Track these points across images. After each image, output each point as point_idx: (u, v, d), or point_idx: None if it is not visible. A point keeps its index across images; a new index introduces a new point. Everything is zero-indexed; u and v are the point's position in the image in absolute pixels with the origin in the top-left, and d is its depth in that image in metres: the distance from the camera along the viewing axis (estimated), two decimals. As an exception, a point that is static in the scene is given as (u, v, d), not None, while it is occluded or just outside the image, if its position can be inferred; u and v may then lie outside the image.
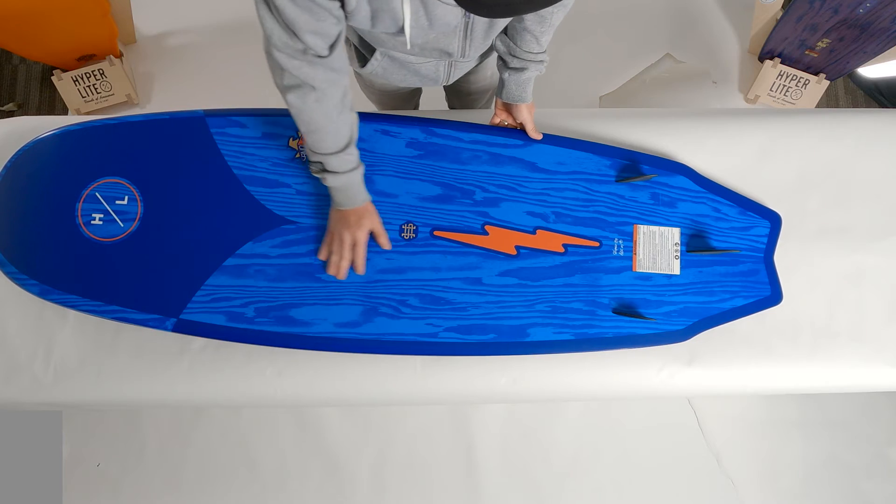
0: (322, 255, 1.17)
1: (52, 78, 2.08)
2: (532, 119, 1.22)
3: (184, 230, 1.18)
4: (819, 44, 1.99)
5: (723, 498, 1.93)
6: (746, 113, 1.37)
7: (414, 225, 1.20)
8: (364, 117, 1.23)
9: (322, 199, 1.19)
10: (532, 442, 1.95)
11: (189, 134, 1.20)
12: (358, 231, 1.14)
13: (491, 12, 0.64)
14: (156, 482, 1.89)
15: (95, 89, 2.10)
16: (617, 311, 1.20)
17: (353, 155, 1.07)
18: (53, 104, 2.24)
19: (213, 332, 1.15)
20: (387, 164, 1.22)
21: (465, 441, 1.93)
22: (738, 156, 1.30)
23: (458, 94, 1.51)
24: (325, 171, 1.07)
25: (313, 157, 1.07)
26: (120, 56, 2.12)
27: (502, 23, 1.04)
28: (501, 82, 1.18)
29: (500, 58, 1.15)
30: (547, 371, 1.22)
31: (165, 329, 1.14)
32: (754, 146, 1.31)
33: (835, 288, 1.26)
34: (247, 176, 1.19)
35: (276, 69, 0.93)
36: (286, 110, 1.22)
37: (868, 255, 1.28)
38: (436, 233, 1.20)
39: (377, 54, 1.10)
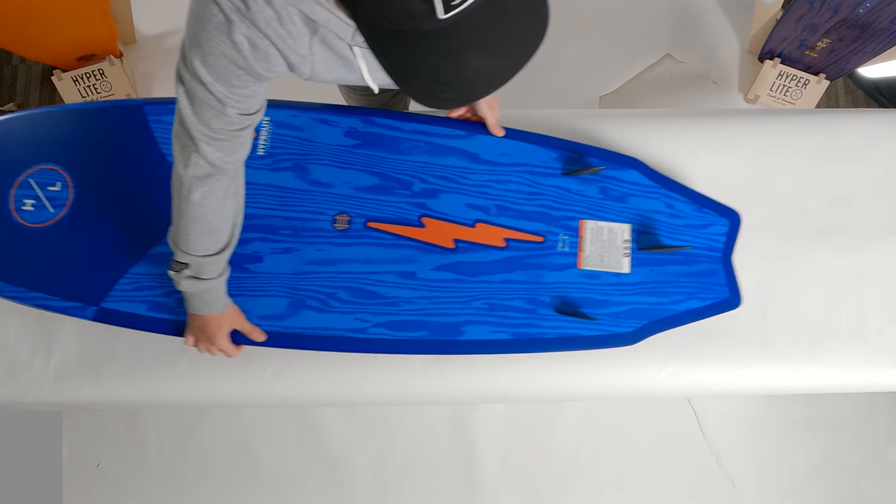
0: (189, 344, 1.09)
1: (52, 78, 2.08)
2: (493, 115, 1.17)
3: (113, 217, 1.14)
4: (819, 44, 1.99)
5: (723, 498, 1.92)
6: (746, 113, 1.37)
7: (347, 216, 1.15)
8: (302, 106, 1.19)
9: (249, 187, 1.05)
10: (532, 442, 1.94)
11: (126, 122, 1.17)
12: (219, 341, 1.05)
13: (449, 104, 0.61)
14: (156, 482, 1.89)
15: (95, 89, 2.10)
16: (560, 311, 1.13)
17: (227, 253, 0.96)
18: (53, 104, 2.24)
19: (133, 322, 1.11)
20: (323, 154, 1.16)
21: (465, 441, 1.93)
22: (738, 156, 1.30)
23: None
24: (192, 276, 0.95)
25: (183, 258, 0.93)
26: (120, 56, 2.12)
27: None
28: None
29: None
30: (547, 371, 1.21)
31: (86, 318, 1.10)
32: (754, 146, 1.31)
33: (835, 288, 1.26)
34: None
35: (189, 154, 0.81)
36: None
37: (868, 255, 1.27)
38: (370, 224, 1.15)
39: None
